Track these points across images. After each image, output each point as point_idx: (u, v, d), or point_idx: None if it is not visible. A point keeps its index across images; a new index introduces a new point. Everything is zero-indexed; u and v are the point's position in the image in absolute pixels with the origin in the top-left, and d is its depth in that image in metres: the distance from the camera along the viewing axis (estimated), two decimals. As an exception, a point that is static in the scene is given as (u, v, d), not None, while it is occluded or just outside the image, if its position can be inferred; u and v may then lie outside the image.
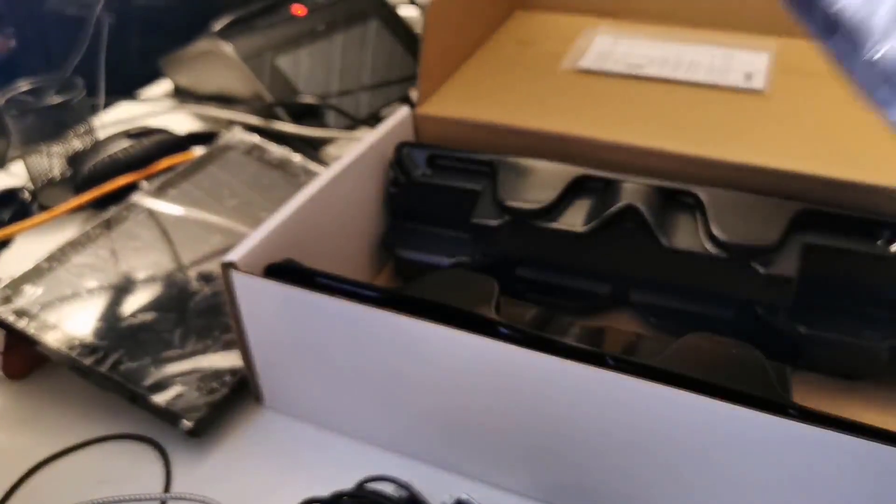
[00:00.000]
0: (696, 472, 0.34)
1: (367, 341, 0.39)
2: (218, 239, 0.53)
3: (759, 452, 0.32)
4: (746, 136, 0.50)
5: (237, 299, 0.42)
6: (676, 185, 0.46)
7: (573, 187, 0.47)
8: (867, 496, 0.31)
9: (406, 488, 0.37)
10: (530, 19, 0.70)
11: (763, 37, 0.64)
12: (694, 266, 0.44)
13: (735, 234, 0.43)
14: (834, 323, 0.44)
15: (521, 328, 0.36)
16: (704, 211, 0.44)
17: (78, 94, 0.64)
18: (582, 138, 0.51)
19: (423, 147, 0.52)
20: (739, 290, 0.44)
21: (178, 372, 0.44)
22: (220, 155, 0.60)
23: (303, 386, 0.43)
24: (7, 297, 0.46)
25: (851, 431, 0.30)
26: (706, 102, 0.54)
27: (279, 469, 0.42)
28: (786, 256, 0.43)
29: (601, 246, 0.46)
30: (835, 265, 0.43)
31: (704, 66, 0.59)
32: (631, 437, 0.35)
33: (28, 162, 0.65)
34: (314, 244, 0.46)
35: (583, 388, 0.35)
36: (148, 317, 0.47)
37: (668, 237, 0.44)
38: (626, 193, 0.45)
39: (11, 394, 0.48)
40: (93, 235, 0.51)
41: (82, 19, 0.78)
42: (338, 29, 0.76)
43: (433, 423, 0.40)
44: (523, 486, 0.40)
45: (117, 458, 0.43)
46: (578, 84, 0.58)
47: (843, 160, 0.47)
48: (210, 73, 0.73)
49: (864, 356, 0.43)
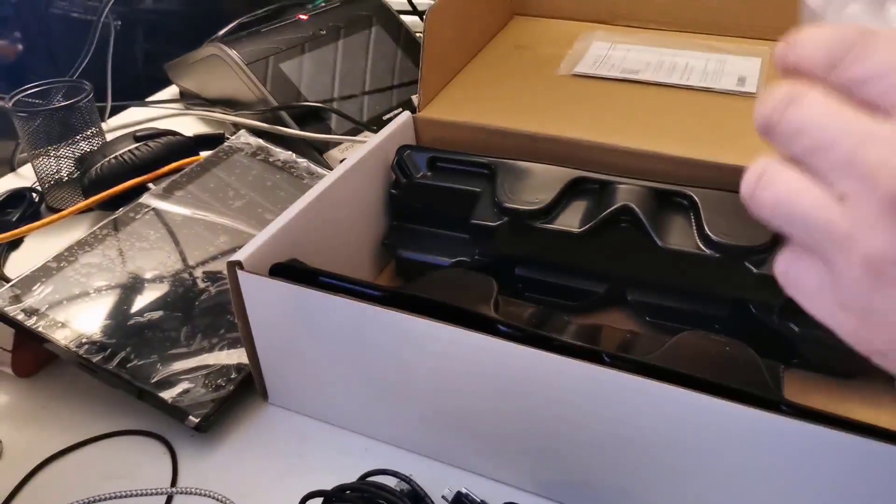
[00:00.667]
0: (691, 466, 0.35)
1: (370, 339, 0.40)
2: (224, 239, 0.54)
3: (753, 448, 0.33)
4: (740, 139, 0.51)
5: (243, 298, 0.42)
6: (671, 186, 0.47)
7: (570, 189, 0.48)
8: (858, 491, 0.32)
9: (407, 482, 0.38)
10: (528, 25, 0.71)
11: (756, 42, 0.65)
12: (688, 266, 0.45)
13: (728, 234, 0.44)
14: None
15: (519, 326, 0.37)
16: (698, 212, 0.45)
17: (85, 96, 0.65)
18: (578, 141, 0.52)
19: (423, 150, 0.53)
20: (733, 289, 0.45)
21: (185, 369, 0.45)
22: (226, 157, 0.61)
23: (307, 382, 0.44)
24: (16, 295, 0.47)
25: (843, 428, 0.31)
26: (700, 106, 0.55)
27: (284, 463, 0.43)
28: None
29: (597, 246, 0.47)
30: None
31: (698, 71, 0.60)
32: (627, 432, 0.36)
33: (36, 164, 0.66)
34: (318, 245, 0.47)
35: (580, 385, 0.35)
36: (155, 315, 0.48)
37: (663, 237, 0.45)
38: (622, 194, 0.46)
39: (21, 391, 0.49)
40: (100, 236, 0.52)
41: (89, 23, 0.79)
42: (340, 34, 0.77)
43: (434, 419, 0.41)
44: (521, 480, 0.40)
45: (125, 454, 0.44)
46: (575, 88, 0.59)
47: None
48: (215, 77, 0.74)
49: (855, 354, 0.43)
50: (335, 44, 0.76)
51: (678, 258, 0.45)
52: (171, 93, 0.86)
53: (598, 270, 0.49)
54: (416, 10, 0.85)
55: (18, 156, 0.74)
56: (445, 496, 0.38)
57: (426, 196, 0.52)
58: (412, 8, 0.85)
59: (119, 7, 0.86)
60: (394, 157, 0.53)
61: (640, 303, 0.49)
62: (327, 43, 0.75)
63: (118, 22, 0.83)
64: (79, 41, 0.79)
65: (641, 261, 0.47)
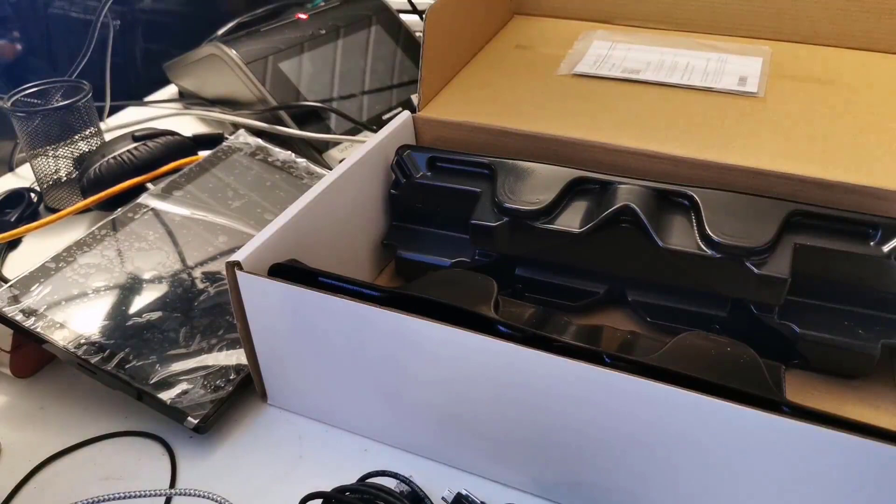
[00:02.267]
0: (691, 467, 0.35)
1: (369, 339, 0.40)
2: (223, 239, 0.54)
3: (753, 448, 0.33)
4: (741, 138, 0.51)
5: (242, 299, 0.42)
6: (672, 186, 0.47)
7: (570, 188, 0.48)
8: (858, 491, 0.32)
9: (407, 483, 0.38)
10: (528, 24, 0.71)
11: (757, 42, 0.65)
12: (689, 266, 0.45)
13: (729, 234, 0.43)
14: (826, 322, 0.44)
15: (519, 327, 0.37)
16: (699, 211, 0.45)
17: (84, 96, 0.64)
18: (579, 141, 0.52)
19: (423, 150, 0.53)
20: (733, 289, 0.45)
21: (184, 370, 0.45)
22: (225, 157, 0.61)
23: (306, 383, 0.44)
24: (15, 296, 0.47)
25: (843, 428, 0.31)
26: (701, 106, 0.55)
27: (283, 464, 0.43)
28: (779, 256, 0.43)
29: (598, 246, 0.47)
30: (827, 265, 0.44)
31: (699, 71, 0.60)
32: (627, 433, 0.36)
33: (35, 164, 0.66)
34: (317, 245, 0.47)
35: (580, 386, 0.35)
36: (154, 316, 0.48)
37: (664, 237, 0.45)
38: (623, 195, 0.46)
39: (19, 391, 0.49)
40: (99, 236, 0.52)
41: (88, 23, 0.79)
42: (340, 34, 0.77)
43: (434, 420, 0.41)
44: (522, 482, 0.40)
45: (124, 455, 0.44)
46: (576, 88, 0.59)
47: (836, 162, 0.48)
48: (214, 77, 0.74)
49: (856, 355, 0.44)
50: (335, 43, 0.76)
51: (679, 258, 0.45)
52: (170, 93, 0.86)
53: (598, 270, 0.49)
54: (416, 9, 0.85)
55: (17, 156, 0.74)
56: (445, 497, 0.38)
57: (426, 196, 0.52)
58: (412, 7, 0.85)
59: (118, 7, 0.86)
60: (393, 157, 0.53)
61: (640, 303, 0.49)
62: (327, 42, 0.75)
63: (117, 22, 0.83)
64: (78, 41, 0.79)
65: (642, 261, 0.46)
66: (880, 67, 0.60)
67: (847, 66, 0.60)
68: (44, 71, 0.93)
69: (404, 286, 0.43)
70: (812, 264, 0.44)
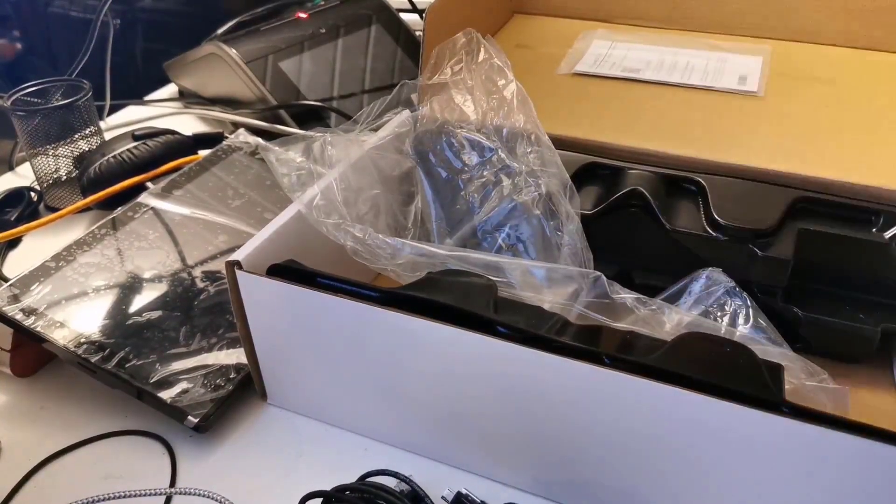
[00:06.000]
0: (690, 467, 0.35)
1: (369, 339, 0.40)
2: (223, 239, 0.54)
3: (753, 448, 0.33)
4: (741, 137, 0.51)
5: (242, 298, 0.42)
6: (680, 172, 0.48)
7: (581, 173, 0.49)
8: (858, 491, 0.32)
9: (407, 482, 0.38)
10: (528, 23, 0.71)
11: (757, 41, 0.65)
12: (695, 248, 0.46)
13: (734, 218, 0.45)
14: (828, 306, 0.45)
15: (518, 327, 0.37)
16: (706, 197, 0.46)
17: (84, 95, 0.64)
18: (579, 140, 0.52)
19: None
20: (738, 271, 0.45)
21: (184, 369, 0.45)
22: (224, 156, 0.61)
23: (306, 382, 0.44)
24: (15, 295, 0.47)
25: (843, 428, 0.31)
26: (701, 105, 0.55)
27: (283, 464, 0.43)
28: (783, 240, 0.44)
29: (607, 228, 0.48)
30: (830, 250, 0.45)
31: (699, 70, 0.60)
32: (626, 433, 0.36)
33: (35, 163, 0.66)
34: (317, 244, 0.47)
35: (580, 386, 0.35)
36: (154, 315, 0.48)
37: (671, 221, 0.46)
38: (632, 179, 0.48)
39: (19, 391, 0.49)
40: (99, 235, 0.52)
41: (88, 22, 0.79)
42: (340, 33, 0.77)
43: (433, 419, 0.41)
44: (521, 481, 0.40)
45: (124, 454, 0.44)
46: (576, 87, 0.59)
47: (836, 162, 0.48)
48: (214, 76, 0.74)
49: (856, 338, 0.44)
50: (335, 42, 0.76)
51: (686, 240, 0.46)
52: (170, 91, 0.86)
53: (608, 252, 0.50)
54: (416, 8, 0.85)
55: (17, 155, 0.74)
56: (445, 497, 0.38)
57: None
58: (412, 6, 0.85)
59: (118, 6, 0.86)
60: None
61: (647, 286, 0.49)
62: (327, 41, 0.75)
63: (117, 21, 0.83)
64: (78, 40, 0.79)
65: (649, 244, 0.47)
66: (880, 67, 0.60)
67: (847, 65, 0.60)
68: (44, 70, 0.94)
69: (403, 286, 0.43)
70: (815, 249, 0.44)
